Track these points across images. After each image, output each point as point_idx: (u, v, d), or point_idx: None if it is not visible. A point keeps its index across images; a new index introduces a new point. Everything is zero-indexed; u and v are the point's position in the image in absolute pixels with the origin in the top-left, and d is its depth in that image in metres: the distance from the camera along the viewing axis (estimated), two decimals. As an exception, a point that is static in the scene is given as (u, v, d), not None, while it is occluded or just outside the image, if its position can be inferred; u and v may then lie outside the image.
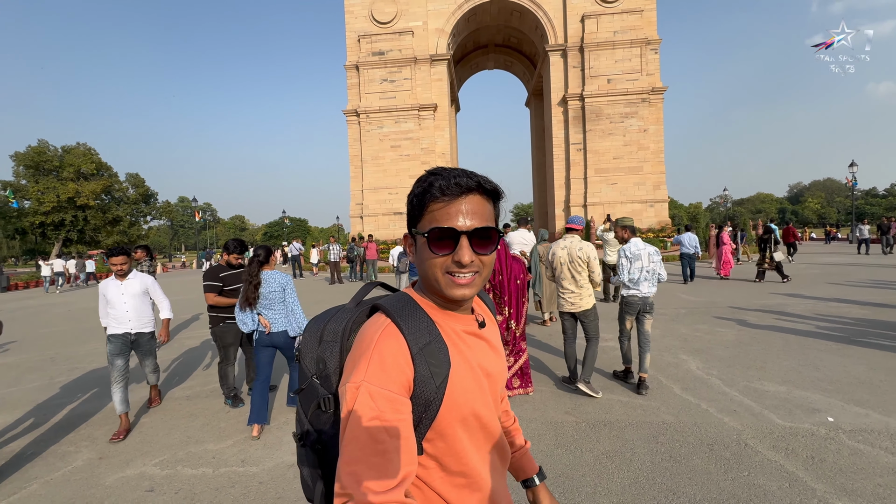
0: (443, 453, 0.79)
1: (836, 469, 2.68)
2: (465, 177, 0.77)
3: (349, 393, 0.70)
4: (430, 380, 0.75)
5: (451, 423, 0.78)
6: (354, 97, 31.53)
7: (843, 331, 5.91)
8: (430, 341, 0.77)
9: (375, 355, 0.72)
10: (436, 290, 0.81)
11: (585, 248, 4.19)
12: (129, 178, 43.28)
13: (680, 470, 2.76)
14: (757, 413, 3.50)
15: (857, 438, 3.03)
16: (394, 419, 0.69)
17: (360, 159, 31.46)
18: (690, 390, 4.05)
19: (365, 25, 31.24)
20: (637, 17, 29.56)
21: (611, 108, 29.63)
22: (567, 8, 29.88)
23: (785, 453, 2.89)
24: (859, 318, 6.67)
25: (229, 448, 3.34)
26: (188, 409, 4.20)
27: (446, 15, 31.00)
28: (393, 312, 0.78)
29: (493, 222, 0.81)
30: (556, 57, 30.71)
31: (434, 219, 0.77)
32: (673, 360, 4.99)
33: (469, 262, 0.76)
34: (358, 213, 31.31)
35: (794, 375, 4.31)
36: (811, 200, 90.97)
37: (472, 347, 0.84)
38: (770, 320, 6.74)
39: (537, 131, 39.97)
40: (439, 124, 31.73)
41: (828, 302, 8.02)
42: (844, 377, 4.19)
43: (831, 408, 3.54)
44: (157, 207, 51.61)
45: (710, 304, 8.40)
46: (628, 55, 29.63)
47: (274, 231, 65.89)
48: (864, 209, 75.62)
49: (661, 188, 29.82)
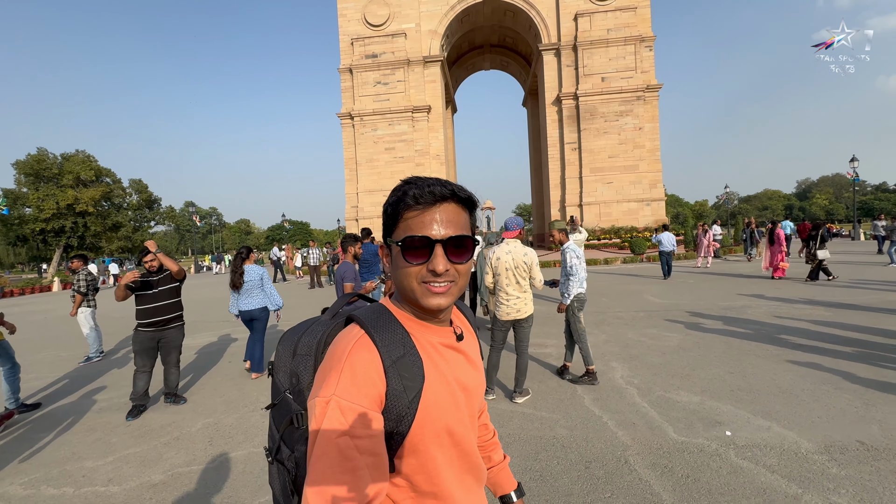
0: (414, 471, 0.77)
1: (706, 490, 2.52)
2: (440, 185, 0.77)
3: (318, 407, 0.68)
4: (402, 394, 0.73)
5: (424, 439, 0.75)
6: (348, 100, 31.64)
7: (793, 335, 5.68)
8: (404, 354, 0.75)
9: (347, 368, 0.70)
10: (412, 300, 0.79)
11: (530, 254, 4.15)
12: (132, 183, 43.89)
13: (542, 491, 2.62)
14: (656, 426, 3.34)
15: (744, 455, 2.86)
16: (364, 435, 0.67)
17: (355, 162, 31.55)
18: (600, 401, 3.90)
19: (358, 28, 31.34)
20: (631, 15, 29.22)
21: (605, 106, 29.31)
22: (560, 6, 29.66)
23: (661, 472, 2.73)
24: (819, 320, 6.42)
25: (106, 465, 3.27)
26: (92, 423, 4.16)
27: (439, 16, 30.96)
28: (367, 324, 0.77)
29: (468, 231, 0.80)
30: (550, 56, 30.49)
31: (408, 227, 0.77)
32: (602, 367, 4.82)
33: (444, 270, 0.75)
34: (353, 215, 31.35)
35: (717, 384, 4.13)
36: (819, 196, 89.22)
37: (448, 361, 0.82)
38: (722, 324, 6.51)
39: (534, 131, 39.73)
40: (433, 126, 31.67)
41: (793, 304, 7.75)
42: (767, 386, 4.00)
43: (736, 420, 3.36)
44: (161, 213, 52.19)
45: (672, 306, 8.18)
46: (622, 53, 29.29)
47: (276, 234, 66.38)
48: (873, 204, 73.97)
49: (657, 186, 29.39)
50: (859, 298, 7.92)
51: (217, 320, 9.84)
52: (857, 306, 7.26)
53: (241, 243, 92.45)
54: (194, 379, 5.42)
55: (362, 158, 31.12)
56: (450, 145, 38.08)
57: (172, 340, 4.41)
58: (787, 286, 9.84)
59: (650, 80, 28.97)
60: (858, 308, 7.11)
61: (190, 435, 3.73)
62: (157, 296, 4.30)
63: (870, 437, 3.00)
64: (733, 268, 14.53)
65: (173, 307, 4.43)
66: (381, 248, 0.85)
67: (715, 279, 11.86)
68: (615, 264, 18.84)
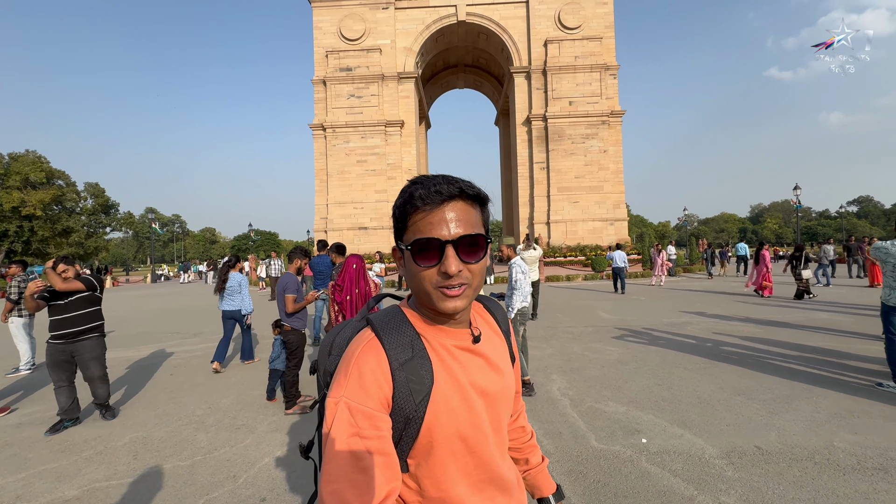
0: (422, 474, 0.76)
1: (612, 494, 2.68)
2: (446, 183, 0.74)
3: (328, 409, 0.70)
4: (409, 397, 0.72)
5: (432, 443, 0.74)
6: (321, 111, 31.58)
7: (723, 350, 6.07)
8: (413, 357, 0.75)
9: (354, 370, 0.72)
10: (427, 304, 0.77)
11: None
12: (87, 187, 41.78)
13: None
14: (580, 435, 3.51)
15: (654, 461, 3.05)
16: (373, 436, 0.68)
17: (326, 173, 31.33)
18: (533, 412, 4.05)
19: (333, 41, 31.51)
20: (597, 44, 30.76)
21: (572, 129, 30.52)
22: (531, 33, 30.90)
23: (575, 478, 2.88)
24: (749, 336, 6.88)
25: (17, 482, 3.12)
26: (9, 438, 3.95)
27: (414, 35, 31.59)
28: (378, 326, 0.77)
29: (479, 228, 0.77)
30: (521, 78, 31.59)
31: (417, 230, 0.74)
32: (542, 380, 5.00)
33: (456, 271, 0.72)
34: (322, 227, 30.96)
35: (644, 395, 4.37)
36: (770, 221, 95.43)
37: (464, 364, 0.79)
38: (662, 339, 6.88)
39: (505, 150, 40.76)
40: (406, 140, 31.97)
41: (730, 321, 8.27)
42: (688, 397, 4.27)
43: (653, 429, 3.58)
44: (118, 218, 49.80)
45: (621, 321, 8.54)
46: (588, 79, 30.73)
47: (242, 244, 64.38)
48: (817, 230, 79.77)
49: (620, 207, 30.65)
50: (790, 317, 8.53)
51: (166, 332, 9.47)
52: (785, 324, 7.83)
53: (204, 252, 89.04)
54: (131, 392, 5.22)
55: (333, 170, 30.95)
56: (422, 160, 38.48)
57: (87, 353, 4.14)
58: (729, 303, 10.47)
59: (614, 107, 30.43)
60: (786, 326, 7.67)
61: (114, 449, 3.60)
62: (67, 307, 4.08)
63: (767, 442, 3.27)
64: (686, 285, 15.31)
65: (87, 318, 4.18)
66: (393, 252, 0.84)
67: (666, 296, 12.45)
68: (577, 281, 19.42)
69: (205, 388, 5.22)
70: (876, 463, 2.91)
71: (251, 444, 3.58)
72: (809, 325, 7.61)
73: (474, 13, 30.98)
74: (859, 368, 5.03)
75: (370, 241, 29.94)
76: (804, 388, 4.41)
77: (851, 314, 8.62)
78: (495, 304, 0.98)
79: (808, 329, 7.32)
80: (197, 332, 9.26)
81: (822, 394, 4.24)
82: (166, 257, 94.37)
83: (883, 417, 3.64)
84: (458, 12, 30.89)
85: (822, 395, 4.19)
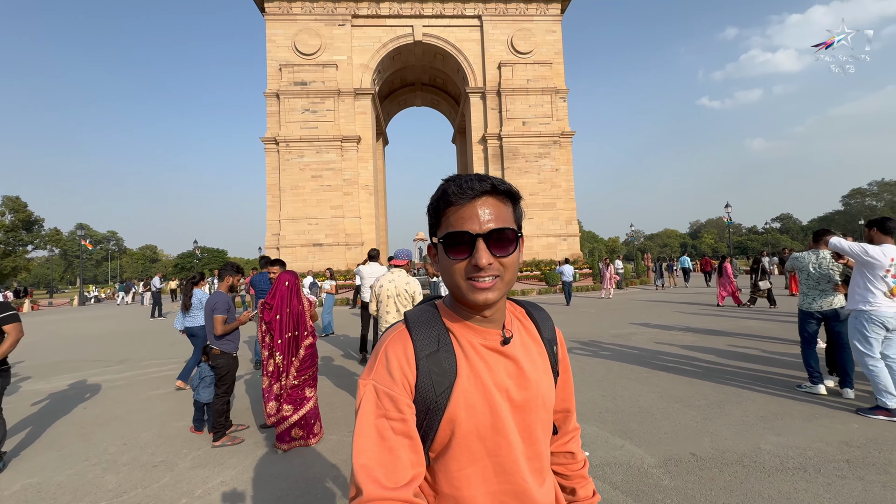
0: (439, 469, 0.78)
1: (553, 512, 2.62)
2: (478, 180, 0.77)
3: (359, 389, 0.76)
4: (430, 388, 0.75)
5: (449, 437, 0.75)
6: (274, 125, 30.72)
7: (664, 359, 6.32)
8: (438, 349, 0.77)
9: (382, 356, 0.77)
10: (459, 297, 0.79)
11: (412, 283, 4.27)
12: (6, 201, 37.80)
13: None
14: (525, 452, 3.45)
15: (596, 474, 3.04)
16: (397, 418, 0.71)
17: (279, 188, 30.30)
18: (480, 430, 3.96)
19: (287, 55, 30.99)
20: (547, 69, 32.37)
21: (526, 148, 31.65)
22: (485, 55, 31.99)
23: (517, 497, 2.80)
24: (688, 344, 7.24)
25: None
26: None
27: (371, 52, 31.74)
28: (410, 320, 0.82)
29: (510, 223, 0.78)
30: (476, 98, 32.48)
31: (449, 224, 0.77)
32: (491, 396, 4.94)
33: (487, 264, 0.74)
34: (274, 243, 29.77)
35: (588, 406, 4.41)
36: (707, 236, 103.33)
37: (490, 364, 0.79)
38: (608, 350, 7.08)
39: (462, 167, 41.43)
40: (363, 156, 31.69)
41: (671, 330, 8.68)
42: (630, 407, 4.36)
43: (596, 441, 3.59)
44: (42, 235, 45.45)
45: (570, 334, 8.73)
46: (540, 101, 32.15)
47: (186, 262, 60.39)
48: (746, 244, 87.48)
49: (572, 223, 31.90)
50: (723, 325, 9.10)
51: (86, 360, 8.54)
52: (719, 332, 8.33)
53: (143, 271, 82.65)
54: (36, 431, 4.58)
55: (287, 185, 30.03)
56: (380, 176, 38.29)
57: None
58: (671, 313, 11.03)
59: (564, 128, 31.94)
60: (720, 333, 8.16)
61: (0, 500, 3.10)
62: None
63: (701, 448, 3.37)
64: (635, 297, 16.03)
65: None
66: (429, 249, 0.86)
67: (614, 308, 12.94)
68: (531, 294, 19.82)
69: (123, 422, 4.69)
70: (796, 463, 3.06)
71: (168, 484, 3.21)
72: (740, 332, 8.14)
73: (430, 34, 31.68)
74: (783, 372, 5.39)
75: (325, 257, 29.14)
76: (735, 393, 4.64)
77: (778, 321, 9.33)
78: (541, 312, 0.94)
79: (739, 336, 7.82)
80: (123, 358, 8.43)
81: (750, 398, 4.48)
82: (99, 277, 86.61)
83: (802, 418, 3.87)
84: (415, 32, 31.47)
85: (750, 399, 4.42)
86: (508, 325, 0.85)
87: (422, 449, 0.73)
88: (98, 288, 43.28)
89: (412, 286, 4.20)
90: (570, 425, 0.99)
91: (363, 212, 30.98)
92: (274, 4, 30.61)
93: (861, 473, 2.88)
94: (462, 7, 31.64)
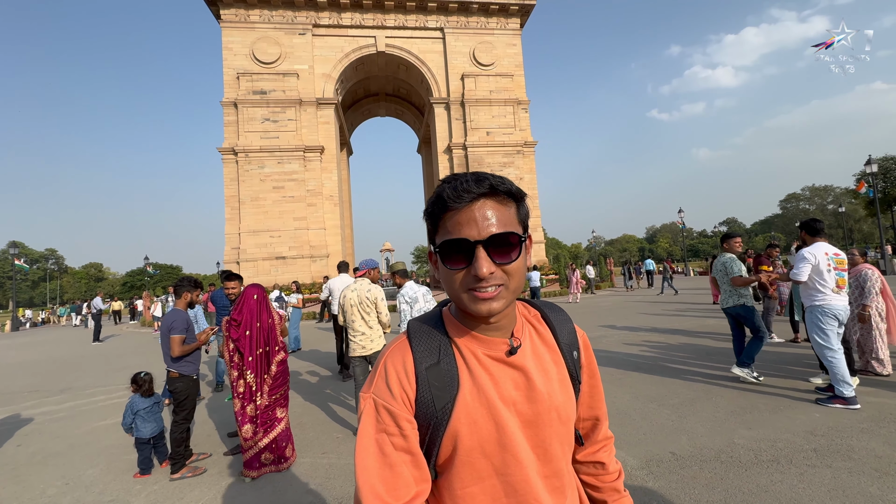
0: (444, 485, 0.74)
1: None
2: (475, 182, 0.71)
3: (360, 402, 0.73)
4: (431, 403, 0.71)
5: (453, 454, 0.72)
6: (232, 135, 29.64)
7: (634, 359, 6.47)
8: (438, 362, 0.73)
9: (381, 369, 0.74)
10: (461, 308, 0.74)
11: (374, 290, 4.27)
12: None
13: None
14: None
15: (581, 480, 3.00)
16: (397, 433, 0.69)
17: (238, 200, 29.12)
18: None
19: (245, 63, 30.15)
20: (509, 81, 33.26)
21: (491, 157, 32.18)
22: (448, 67, 32.46)
23: None
24: (656, 344, 7.47)
25: None
26: None
27: (333, 62, 31.43)
28: (411, 330, 0.78)
29: (513, 226, 0.71)
30: (441, 109, 32.81)
31: (446, 230, 0.71)
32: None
33: (488, 273, 0.67)
34: (234, 257, 28.46)
35: (568, 412, 4.41)
36: (662, 240, 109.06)
37: (495, 376, 0.74)
38: (584, 353, 7.17)
39: (428, 177, 41.57)
40: (327, 167, 31.12)
41: (637, 331, 8.96)
42: (608, 409, 4.35)
43: (579, 446, 3.57)
44: (-34, 255, 41.40)
45: (544, 340, 8.80)
46: (503, 112, 32.93)
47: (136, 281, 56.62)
48: (699, 247, 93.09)
49: (537, 230, 32.66)
50: (686, 325, 9.49)
51: (20, 391, 7.70)
52: (682, 331, 8.66)
53: (87, 291, 76.67)
54: (-48, 476, 4.01)
55: (246, 196, 28.94)
56: (345, 186, 37.71)
57: None
58: (636, 315, 11.40)
59: (527, 138, 32.79)
60: (683, 332, 8.49)
61: None
62: None
63: (680, 447, 3.42)
64: (602, 300, 16.49)
65: None
66: (429, 256, 0.79)
67: (582, 312, 13.24)
68: (502, 302, 20.02)
69: (64, 459, 4.21)
70: (769, 455, 3.16)
71: (119, 527, 2.88)
72: (702, 331, 8.50)
73: (393, 45, 31.80)
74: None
75: (289, 270, 28.21)
76: (704, 390, 4.79)
77: (732, 318, 9.84)
78: (559, 314, 0.87)
79: (700, 335, 8.17)
80: (65, 387, 7.66)
81: (719, 393, 4.63)
82: (36, 300, 79.44)
83: (768, 410, 4.04)
84: (378, 43, 31.50)
85: (719, 395, 4.57)
86: (518, 331, 0.78)
87: (425, 464, 0.71)
88: (33, 312, 39.52)
89: (373, 292, 4.25)
90: (600, 434, 0.91)
91: (328, 223, 30.31)
92: (230, 12, 29.74)
93: (829, 461, 3.01)
94: (424, 19, 32.03)
